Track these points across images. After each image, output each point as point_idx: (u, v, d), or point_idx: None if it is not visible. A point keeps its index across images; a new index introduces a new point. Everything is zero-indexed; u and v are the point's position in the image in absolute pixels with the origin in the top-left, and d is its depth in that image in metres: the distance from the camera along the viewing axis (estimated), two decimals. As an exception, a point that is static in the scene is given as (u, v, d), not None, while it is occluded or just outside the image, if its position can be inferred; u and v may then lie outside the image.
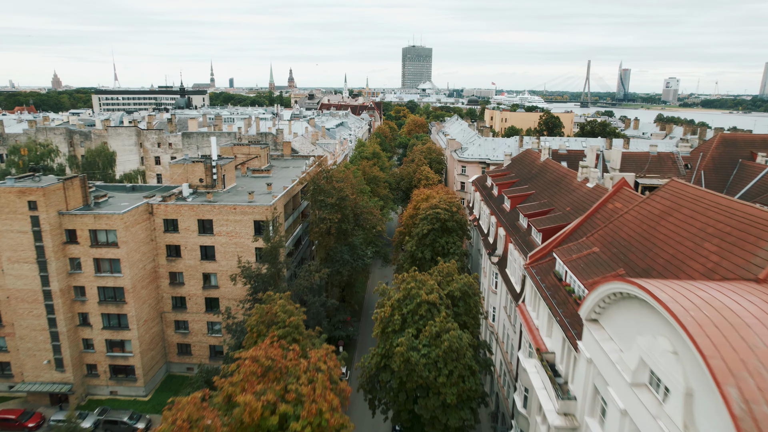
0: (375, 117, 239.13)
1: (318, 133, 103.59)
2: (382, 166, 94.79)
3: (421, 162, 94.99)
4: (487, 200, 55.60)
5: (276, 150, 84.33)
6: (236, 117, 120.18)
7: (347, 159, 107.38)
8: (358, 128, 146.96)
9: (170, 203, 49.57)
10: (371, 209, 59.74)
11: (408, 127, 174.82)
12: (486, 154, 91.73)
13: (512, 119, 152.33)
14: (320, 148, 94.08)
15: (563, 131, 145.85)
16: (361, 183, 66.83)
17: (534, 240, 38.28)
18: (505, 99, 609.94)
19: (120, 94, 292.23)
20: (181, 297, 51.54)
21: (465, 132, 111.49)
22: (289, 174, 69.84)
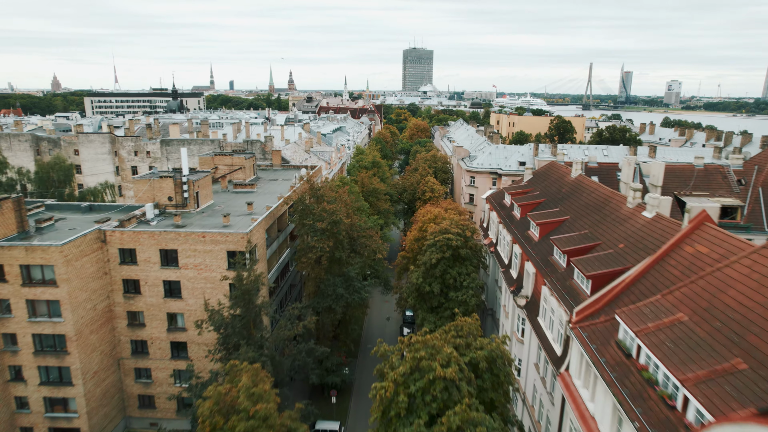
0: (375, 120, 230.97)
1: (313, 139, 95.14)
2: (383, 177, 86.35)
3: (425, 172, 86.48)
4: (506, 223, 47.02)
5: (265, 159, 75.88)
6: (226, 121, 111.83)
7: (345, 168, 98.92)
8: (357, 133, 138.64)
9: (127, 229, 41.05)
10: (370, 232, 51.16)
11: (410, 131, 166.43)
12: (497, 163, 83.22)
13: (520, 124, 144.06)
14: (315, 157, 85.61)
15: (575, 136, 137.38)
16: (359, 199, 58.35)
17: (578, 286, 29.69)
18: (507, 102, 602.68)
19: (113, 96, 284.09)
20: (142, 341, 42.98)
21: (473, 138, 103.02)
22: (277, 188, 61.35)
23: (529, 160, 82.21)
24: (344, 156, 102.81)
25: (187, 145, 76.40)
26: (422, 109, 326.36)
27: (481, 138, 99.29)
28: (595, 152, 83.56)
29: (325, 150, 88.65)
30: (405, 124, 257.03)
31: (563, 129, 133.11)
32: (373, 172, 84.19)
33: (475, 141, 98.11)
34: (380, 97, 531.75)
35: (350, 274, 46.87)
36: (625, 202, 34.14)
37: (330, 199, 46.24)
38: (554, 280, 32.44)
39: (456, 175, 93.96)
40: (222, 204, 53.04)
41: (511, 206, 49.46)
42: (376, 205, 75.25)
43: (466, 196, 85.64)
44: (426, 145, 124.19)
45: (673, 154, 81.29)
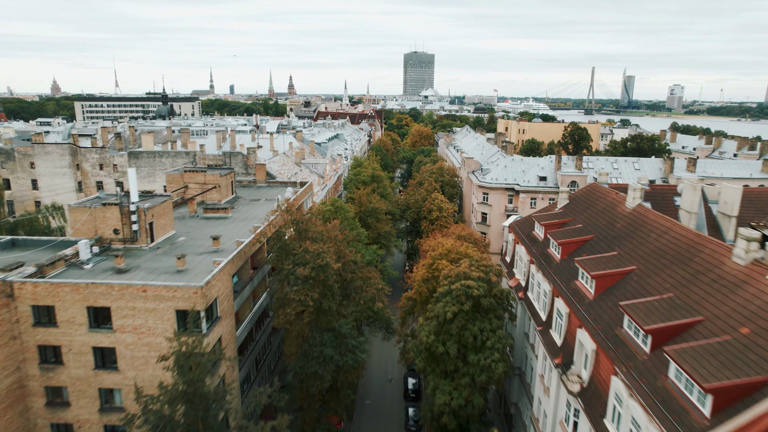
0: (375, 126, 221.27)
1: (305, 150, 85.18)
2: (383, 193, 76.30)
3: (431, 187, 76.41)
4: (541, 265, 36.84)
5: (247, 174, 65.86)
6: (211, 129, 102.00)
7: (341, 181, 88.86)
8: (355, 141, 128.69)
9: (43, 280, 30.93)
10: (368, 271, 40.97)
11: (412, 138, 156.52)
12: (514, 177, 73.10)
13: (531, 131, 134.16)
14: (306, 170, 75.59)
15: (591, 144, 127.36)
16: (354, 227, 48.31)
17: (685, 398, 19.43)
18: (509, 106, 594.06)
19: (104, 101, 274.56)
20: (67, 424, 32.79)
21: (483, 148, 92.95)
22: (258, 212, 51.32)
23: (551, 174, 72.19)
24: (341, 167, 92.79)
25: (158, 158, 66.43)
26: (424, 114, 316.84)
27: (493, 148, 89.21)
28: (625, 166, 73.47)
29: (318, 162, 78.64)
30: (406, 129, 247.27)
31: (578, 137, 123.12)
32: (372, 188, 74.12)
33: (487, 151, 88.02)
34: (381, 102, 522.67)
35: (342, 330, 36.61)
36: (730, 255, 23.96)
37: (316, 235, 36.03)
38: (634, 373, 22.18)
39: (466, 189, 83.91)
40: (186, 235, 42.97)
41: (545, 241, 39.31)
42: (375, 227, 65.15)
43: (477, 215, 75.54)
44: (431, 154, 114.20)
45: (716, 168, 71.14)
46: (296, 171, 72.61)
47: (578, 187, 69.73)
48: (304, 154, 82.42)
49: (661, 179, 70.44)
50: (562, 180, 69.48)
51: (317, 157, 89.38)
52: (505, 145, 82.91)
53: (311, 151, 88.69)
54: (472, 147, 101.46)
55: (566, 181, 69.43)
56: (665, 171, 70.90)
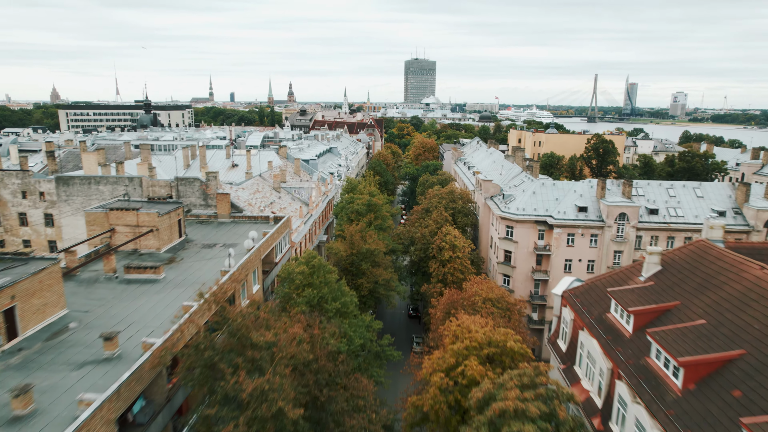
0: (375, 136, 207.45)
1: (287, 171, 70.84)
2: (382, 224, 61.68)
3: (441, 217, 61.92)
4: (645, 395, 22.00)
5: (207, 206, 51.38)
6: (181, 143, 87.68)
7: (332, 209, 74.29)
8: (352, 154, 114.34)
9: None
10: (356, 387, 26.27)
11: (415, 150, 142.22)
12: (546, 207, 58.50)
13: (549, 143, 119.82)
14: (287, 197, 61.15)
15: (617, 159, 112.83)
16: (338, 294, 33.67)
17: None
18: (513, 114, 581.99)
19: (90, 109, 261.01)
20: None
21: (503, 168, 78.28)
22: (207, 269, 36.81)
23: (592, 203, 57.65)
24: (332, 189, 78.28)
25: (94, 185, 51.98)
26: (426, 122, 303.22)
27: (514, 167, 74.63)
28: (684, 193, 58.86)
29: (302, 186, 64.11)
30: (408, 139, 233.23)
31: (603, 150, 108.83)
32: (368, 220, 59.60)
33: (507, 172, 73.38)
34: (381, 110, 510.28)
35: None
36: None
37: (263, 345, 21.28)
38: None
39: (482, 218, 69.29)
40: (85, 316, 28.46)
41: (639, 341, 24.54)
42: (372, 274, 50.52)
43: (499, 253, 60.88)
44: (437, 172, 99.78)
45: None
46: (273, 199, 58.07)
47: (628, 221, 55.15)
48: (286, 175, 67.93)
49: (733, 210, 55.88)
50: (609, 212, 54.93)
51: (303, 177, 74.95)
52: (530, 165, 68.35)
53: (296, 170, 74.22)
54: (486, 164, 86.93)
55: (613, 214, 54.88)
56: (737, 199, 56.38)
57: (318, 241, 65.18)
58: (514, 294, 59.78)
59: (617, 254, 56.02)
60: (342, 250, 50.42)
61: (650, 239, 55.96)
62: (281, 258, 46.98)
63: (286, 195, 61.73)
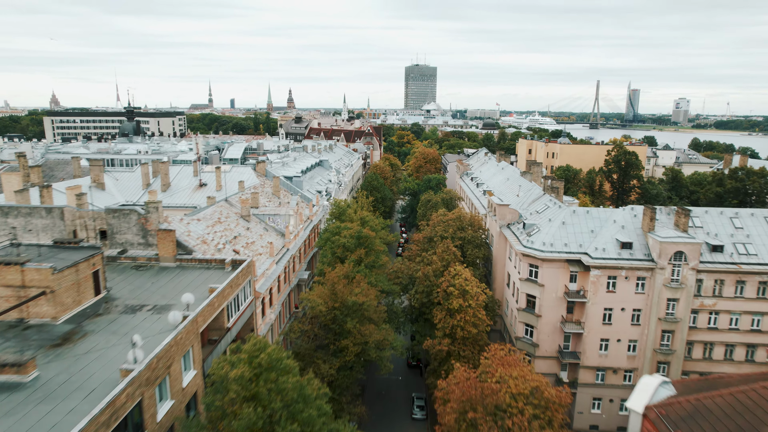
0: (373, 144, 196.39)
1: (265, 190, 59.46)
2: (375, 261, 49.89)
3: (448, 252, 50.31)
4: None
5: (147, 245, 39.83)
6: (146, 158, 76.25)
7: (316, 237, 62.65)
8: (346, 167, 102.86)
9: None
10: None
11: (416, 162, 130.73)
12: (579, 242, 46.86)
13: (564, 154, 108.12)
14: (258, 227, 49.64)
15: (642, 173, 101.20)
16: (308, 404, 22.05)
17: None
18: (515, 120, 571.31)
19: (77, 116, 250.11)
20: None
21: (517, 185, 66.55)
22: (110, 362, 25.17)
23: (637, 237, 46.05)
24: (319, 212, 66.76)
25: (2, 217, 40.43)
26: (427, 130, 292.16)
27: (532, 187, 62.96)
28: (753, 224, 47.15)
29: (278, 213, 52.47)
30: (408, 148, 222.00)
31: (626, 163, 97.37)
32: (358, 257, 47.93)
33: (526, 193, 61.65)
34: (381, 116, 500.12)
35: None
36: None
37: None
38: None
39: (497, 249, 57.55)
40: None
41: None
42: (360, 334, 38.82)
43: (519, 297, 49.13)
44: (442, 190, 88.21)
45: None
46: (239, 231, 46.48)
47: (687, 261, 43.49)
48: (261, 198, 56.44)
49: (818, 248, 44.19)
50: (661, 250, 43.26)
51: (284, 198, 63.46)
52: (554, 186, 56.70)
53: (275, 191, 62.68)
54: (498, 182, 75.27)
55: (667, 252, 43.22)
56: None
57: (297, 280, 53.61)
58: (539, 348, 48.15)
59: (671, 303, 44.32)
60: (321, 302, 38.76)
61: (713, 284, 44.27)
62: (238, 318, 35.42)
63: (257, 225, 50.18)
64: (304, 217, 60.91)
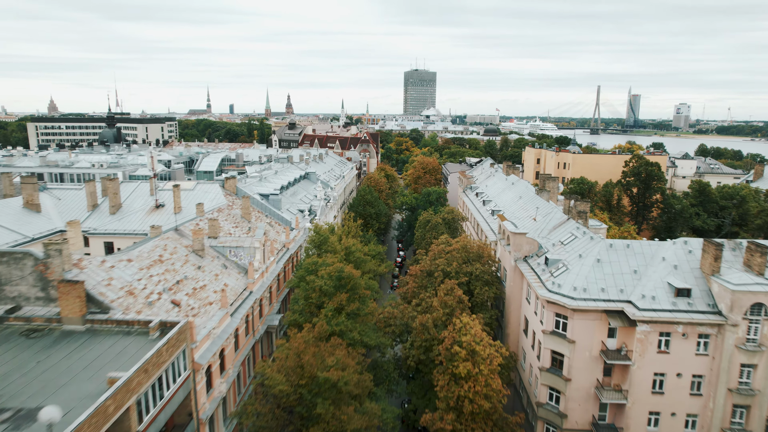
0: (370, 152, 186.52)
1: (233, 213, 49.27)
2: (359, 309, 39.50)
3: (452, 298, 40.14)
4: None
5: (50, 299, 29.65)
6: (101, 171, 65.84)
7: (290, 271, 52.34)
8: (337, 179, 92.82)
9: None
10: None
11: (414, 172, 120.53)
12: (620, 285, 36.68)
13: (578, 165, 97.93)
14: (214, 264, 39.46)
15: (665, 187, 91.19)
16: None
17: None
18: (515, 126, 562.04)
19: (62, 122, 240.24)
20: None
21: (533, 206, 56.06)
22: None
23: (696, 281, 35.86)
24: (298, 239, 56.57)
25: None
26: (426, 136, 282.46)
27: (553, 209, 52.72)
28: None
29: (241, 246, 42.28)
30: (406, 155, 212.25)
31: (647, 174, 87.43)
32: (338, 303, 37.67)
33: (545, 218, 51.34)
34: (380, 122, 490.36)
35: None
36: None
37: None
38: None
39: (511, 286, 47.19)
40: None
41: None
42: (335, 421, 28.56)
43: (543, 355, 38.79)
44: (443, 206, 78.07)
45: None
46: (186, 274, 36.26)
47: (766, 315, 33.28)
48: (220, 226, 46.24)
49: None
50: (734, 300, 33.08)
51: (258, 222, 53.29)
52: (580, 210, 46.42)
53: (244, 213, 52.46)
54: (508, 200, 65.04)
55: (742, 304, 33.06)
56: None
57: (266, 327, 43.41)
58: (567, 419, 37.89)
59: (746, 370, 34.14)
60: (282, 380, 28.51)
61: (798, 344, 34.09)
62: (160, 411, 25.24)
63: (213, 261, 40.04)
64: (279, 245, 50.77)
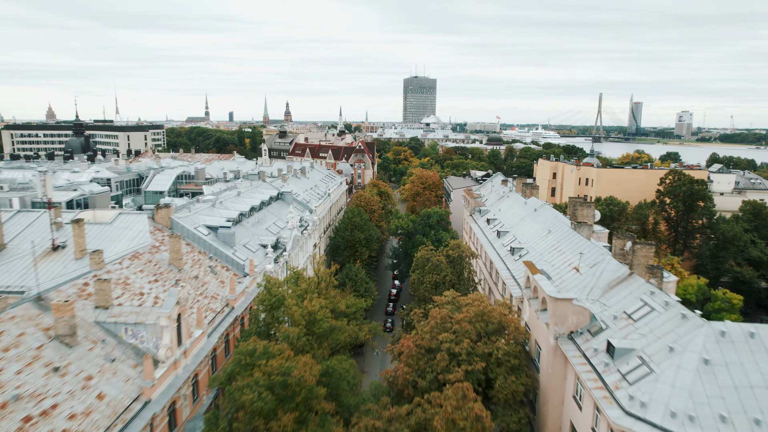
0: (365, 163, 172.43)
1: (150, 261, 34.55)
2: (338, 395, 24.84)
3: (464, 420, 25.41)
4: None
5: None
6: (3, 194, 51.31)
7: (233, 343, 37.57)
8: (320, 197, 78.32)
9: None
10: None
11: (413, 188, 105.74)
12: (754, 410, 21.46)
13: (604, 181, 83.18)
14: (91, 359, 24.77)
15: (714, 208, 76.51)
16: None
17: None
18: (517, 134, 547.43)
19: (41, 129, 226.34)
20: None
21: (571, 245, 40.99)
22: None
23: None
24: (250, 293, 41.82)
25: None
26: (426, 145, 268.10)
27: (603, 255, 37.92)
28: None
29: (141, 323, 27.73)
30: (405, 166, 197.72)
31: (691, 194, 72.93)
32: (288, 426, 22.91)
33: (597, 267, 36.28)
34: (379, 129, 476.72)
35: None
36: None
37: None
38: None
39: (548, 377, 32.21)
40: None
41: None
42: None
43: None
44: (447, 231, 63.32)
45: None
46: (30, 384, 21.52)
47: None
48: (109, 291, 31.58)
49: None
50: None
51: (191, 272, 38.60)
52: (657, 269, 31.68)
53: (173, 258, 37.76)
54: (532, 233, 50.18)
55: None
56: None
57: (181, 445, 28.58)
58: None
59: None
60: None
61: None
62: None
63: (89, 353, 25.35)
64: (221, 303, 36.09)
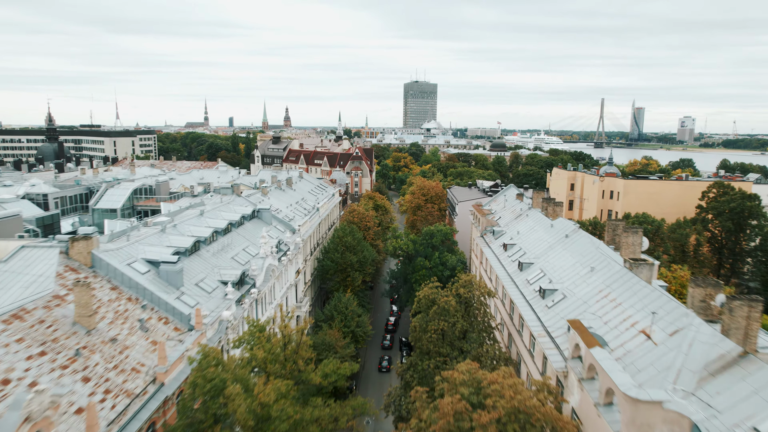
0: (363, 171, 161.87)
1: (36, 323, 23.69)
2: None
3: None
4: None
5: None
6: None
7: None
8: (306, 213, 67.69)
9: None
10: None
11: (413, 200, 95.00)
12: None
13: (630, 194, 72.50)
14: None
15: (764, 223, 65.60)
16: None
17: None
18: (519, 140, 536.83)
19: (22, 134, 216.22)
20: None
21: (627, 288, 30.27)
22: None
23: None
24: (186, 361, 30.92)
25: None
26: (427, 151, 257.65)
27: (680, 310, 27.18)
28: None
29: None
30: (405, 173, 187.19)
31: (739, 211, 62.37)
32: None
33: (682, 335, 25.78)
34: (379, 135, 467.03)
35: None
36: None
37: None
38: None
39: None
40: None
41: None
42: None
43: None
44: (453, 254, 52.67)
45: None
46: None
47: None
48: None
49: None
50: None
51: (108, 333, 27.74)
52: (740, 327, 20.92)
53: (80, 316, 26.92)
54: (566, 268, 39.37)
55: None
56: None
57: None
58: None
59: None
60: None
61: None
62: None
63: None
64: (145, 378, 25.26)
